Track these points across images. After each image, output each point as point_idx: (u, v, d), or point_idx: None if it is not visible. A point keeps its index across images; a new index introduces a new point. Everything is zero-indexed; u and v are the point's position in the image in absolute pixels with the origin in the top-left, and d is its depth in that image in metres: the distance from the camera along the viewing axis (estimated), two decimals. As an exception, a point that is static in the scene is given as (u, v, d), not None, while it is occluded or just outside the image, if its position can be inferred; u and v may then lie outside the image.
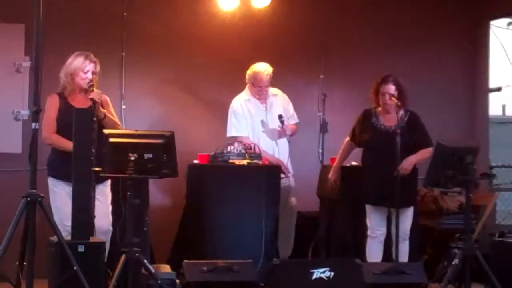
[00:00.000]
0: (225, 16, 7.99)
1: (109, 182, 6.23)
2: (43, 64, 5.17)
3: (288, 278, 5.99)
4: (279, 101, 7.38)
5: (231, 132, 7.32)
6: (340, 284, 6.01)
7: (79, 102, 6.13)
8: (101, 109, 6.10)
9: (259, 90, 7.26)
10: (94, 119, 5.82)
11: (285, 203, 7.23)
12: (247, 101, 7.35)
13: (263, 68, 7.25)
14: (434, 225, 7.77)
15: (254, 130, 7.32)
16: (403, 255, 6.73)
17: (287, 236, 7.29)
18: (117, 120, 6.35)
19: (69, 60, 6.20)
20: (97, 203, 5.88)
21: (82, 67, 6.17)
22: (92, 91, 6.07)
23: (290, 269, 6.11)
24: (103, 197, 6.15)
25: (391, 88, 6.75)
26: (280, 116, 7.23)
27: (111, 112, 6.32)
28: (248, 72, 7.33)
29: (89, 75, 6.17)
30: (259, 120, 7.30)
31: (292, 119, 7.43)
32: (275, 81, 7.42)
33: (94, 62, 6.21)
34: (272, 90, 7.39)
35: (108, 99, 6.36)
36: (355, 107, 6.94)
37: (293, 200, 7.39)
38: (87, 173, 5.63)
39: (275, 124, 7.27)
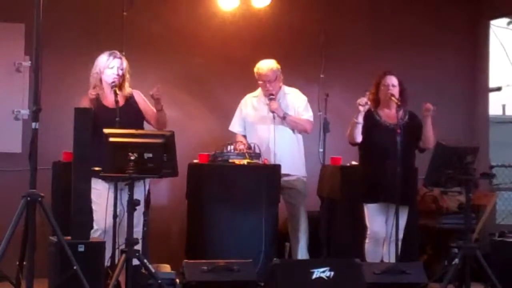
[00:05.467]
0: (225, 16, 7.99)
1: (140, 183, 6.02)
2: (43, 64, 5.17)
3: (288, 278, 5.98)
4: (289, 99, 7.33)
5: (230, 126, 7.43)
6: (340, 284, 6.00)
7: (112, 101, 6.07)
8: None
9: (263, 85, 7.26)
10: (117, 119, 5.85)
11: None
12: (254, 97, 7.38)
13: (264, 63, 7.24)
14: (434, 225, 7.77)
15: (252, 124, 7.30)
16: (391, 256, 6.64)
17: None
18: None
19: (96, 62, 6.19)
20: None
21: (106, 64, 6.15)
22: (115, 91, 6.05)
23: (290, 269, 6.10)
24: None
25: (394, 80, 6.73)
26: (270, 94, 7.20)
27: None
28: (254, 69, 7.33)
29: (115, 71, 6.14)
30: (261, 115, 7.27)
31: (299, 115, 7.30)
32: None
33: (120, 58, 6.19)
34: (287, 89, 7.35)
35: (141, 95, 6.35)
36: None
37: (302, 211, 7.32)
38: (87, 173, 5.63)
39: (278, 120, 7.23)
